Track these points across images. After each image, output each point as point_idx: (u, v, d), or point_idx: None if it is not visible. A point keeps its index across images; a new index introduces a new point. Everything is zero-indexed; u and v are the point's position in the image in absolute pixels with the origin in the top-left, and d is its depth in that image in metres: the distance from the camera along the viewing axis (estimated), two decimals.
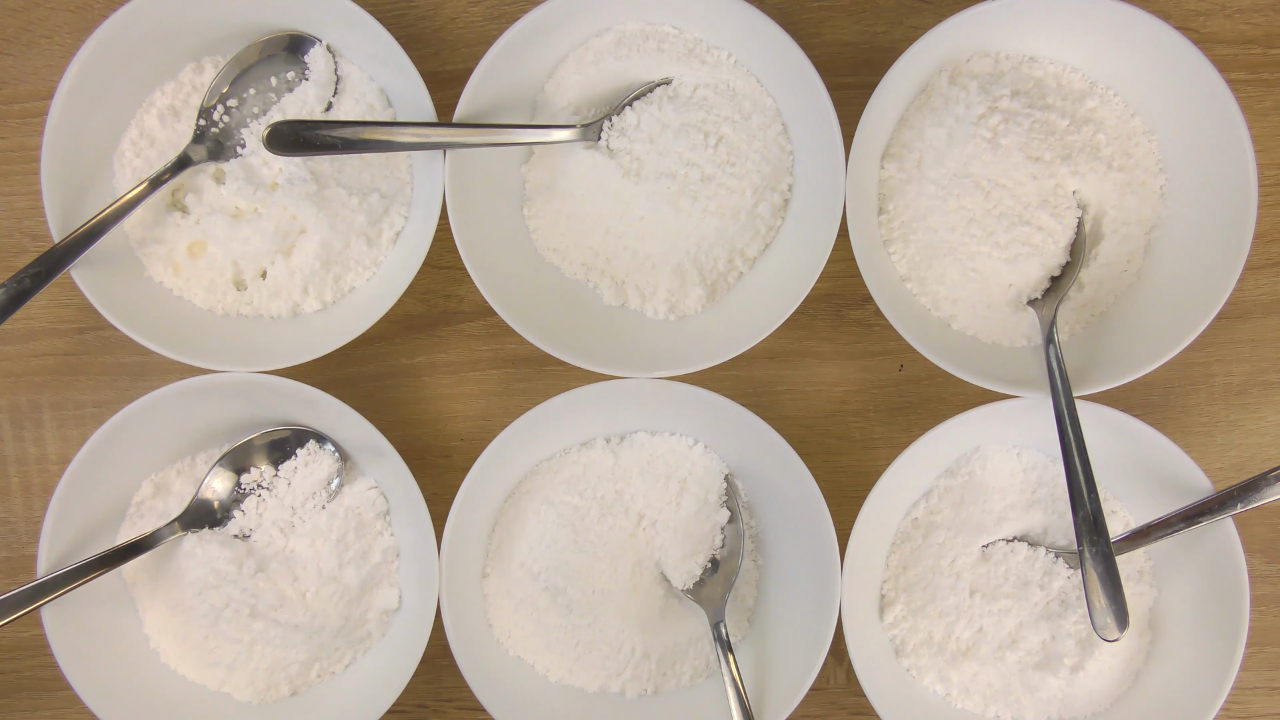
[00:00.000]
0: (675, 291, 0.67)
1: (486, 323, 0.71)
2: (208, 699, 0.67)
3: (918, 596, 0.67)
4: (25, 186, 0.70)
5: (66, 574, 0.62)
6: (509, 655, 0.68)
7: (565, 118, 0.68)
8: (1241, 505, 0.63)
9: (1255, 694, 0.71)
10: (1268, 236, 0.71)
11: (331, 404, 0.64)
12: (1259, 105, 0.70)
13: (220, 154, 0.67)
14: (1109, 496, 0.68)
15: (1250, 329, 0.71)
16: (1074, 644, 0.66)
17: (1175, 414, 0.71)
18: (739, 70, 0.67)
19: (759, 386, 0.71)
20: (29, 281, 0.63)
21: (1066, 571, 0.67)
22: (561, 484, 0.67)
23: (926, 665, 0.67)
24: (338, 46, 0.68)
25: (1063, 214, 0.65)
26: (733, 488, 0.68)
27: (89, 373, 0.71)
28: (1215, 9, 0.70)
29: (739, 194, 0.66)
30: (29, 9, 0.70)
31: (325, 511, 0.67)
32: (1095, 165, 0.65)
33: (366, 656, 0.68)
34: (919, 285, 0.67)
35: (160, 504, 0.68)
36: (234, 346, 0.66)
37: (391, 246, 0.68)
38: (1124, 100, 0.67)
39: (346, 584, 0.67)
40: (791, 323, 0.64)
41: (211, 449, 0.69)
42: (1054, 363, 0.63)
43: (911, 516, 0.68)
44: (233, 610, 0.65)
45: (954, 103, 0.66)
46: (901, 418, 0.71)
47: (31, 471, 0.71)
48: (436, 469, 0.71)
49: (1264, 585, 0.71)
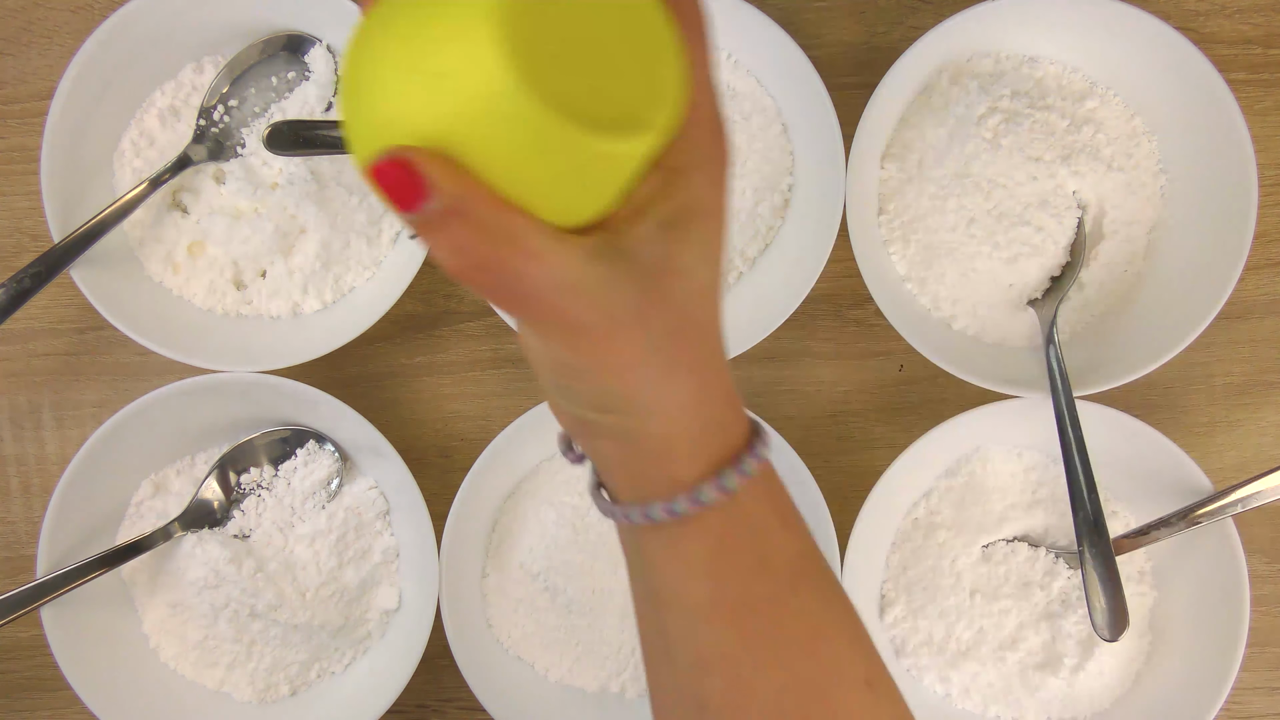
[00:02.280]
0: None
1: (486, 323, 0.71)
2: (207, 699, 0.67)
3: (918, 596, 0.67)
4: (25, 186, 0.70)
5: (66, 574, 0.62)
6: (509, 655, 0.68)
7: None
8: (1241, 505, 0.63)
9: (1255, 694, 0.71)
10: (1268, 236, 0.71)
11: (331, 404, 0.64)
12: (1259, 105, 0.70)
13: (220, 154, 0.67)
14: (1109, 496, 0.68)
15: (1250, 329, 0.71)
16: (1075, 644, 0.66)
17: (1175, 414, 0.71)
18: (739, 70, 0.67)
19: (759, 386, 0.71)
20: (29, 281, 0.63)
21: (1067, 572, 0.67)
22: (561, 484, 0.67)
23: (927, 665, 0.67)
24: (338, 46, 0.68)
25: (1063, 214, 0.65)
26: None
27: (89, 373, 0.71)
28: (1215, 9, 0.70)
29: (739, 194, 0.66)
30: (29, 9, 0.70)
31: (325, 511, 0.67)
32: (1095, 166, 0.65)
33: (366, 656, 0.68)
34: (919, 285, 0.67)
35: (160, 504, 0.68)
36: (234, 346, 0.66)
37: (391, 246, 0.68)
38: (1124, 100, 0.67)
39: (346, 584, 0.67)
40: (791, 323, 0.64)
41: (211, 449, 0.69)
42: (1054, 363, 0.63)
43: (912, 516, 0.68)
44: (232, 610, 0.65)
45: (954, 103, 0.66)
46: (901, 418, 0.71)
47: (31, 471, 0.71)
48: (436, 469, 0.71)
49: (1264, 585, 0.71)
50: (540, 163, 0.28)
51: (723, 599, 0.34)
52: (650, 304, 0.31)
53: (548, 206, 0.30)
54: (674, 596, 0.34)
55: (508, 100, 0.27)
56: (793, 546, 0.35)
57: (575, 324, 0.31)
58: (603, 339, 0.31)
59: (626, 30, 0.29)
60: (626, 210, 0.32)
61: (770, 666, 0.34)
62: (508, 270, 0.30)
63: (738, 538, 0.34)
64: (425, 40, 0.27)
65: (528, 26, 0.27)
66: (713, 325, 0.34)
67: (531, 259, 0.30)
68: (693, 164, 0.32)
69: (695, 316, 0.33)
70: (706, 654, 0.34)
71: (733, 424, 0.34)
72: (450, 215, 0.29)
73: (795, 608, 0.34)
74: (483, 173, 0.29)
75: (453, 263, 0.30)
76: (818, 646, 0.34)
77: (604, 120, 0.28)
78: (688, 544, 0.34)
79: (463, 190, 0.29)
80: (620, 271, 0.31)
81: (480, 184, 0.29)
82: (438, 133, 0.28)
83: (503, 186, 0.29)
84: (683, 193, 0.32)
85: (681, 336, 0.32)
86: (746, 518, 0.34)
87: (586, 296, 0.31)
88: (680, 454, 0.33)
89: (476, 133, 0.28)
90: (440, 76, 0.27)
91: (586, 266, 0.31)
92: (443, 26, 0.27)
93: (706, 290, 0.33)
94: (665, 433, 0.33)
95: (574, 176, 0.29)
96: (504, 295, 0.31)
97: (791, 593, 0.34)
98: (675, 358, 0.32)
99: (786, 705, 0.34)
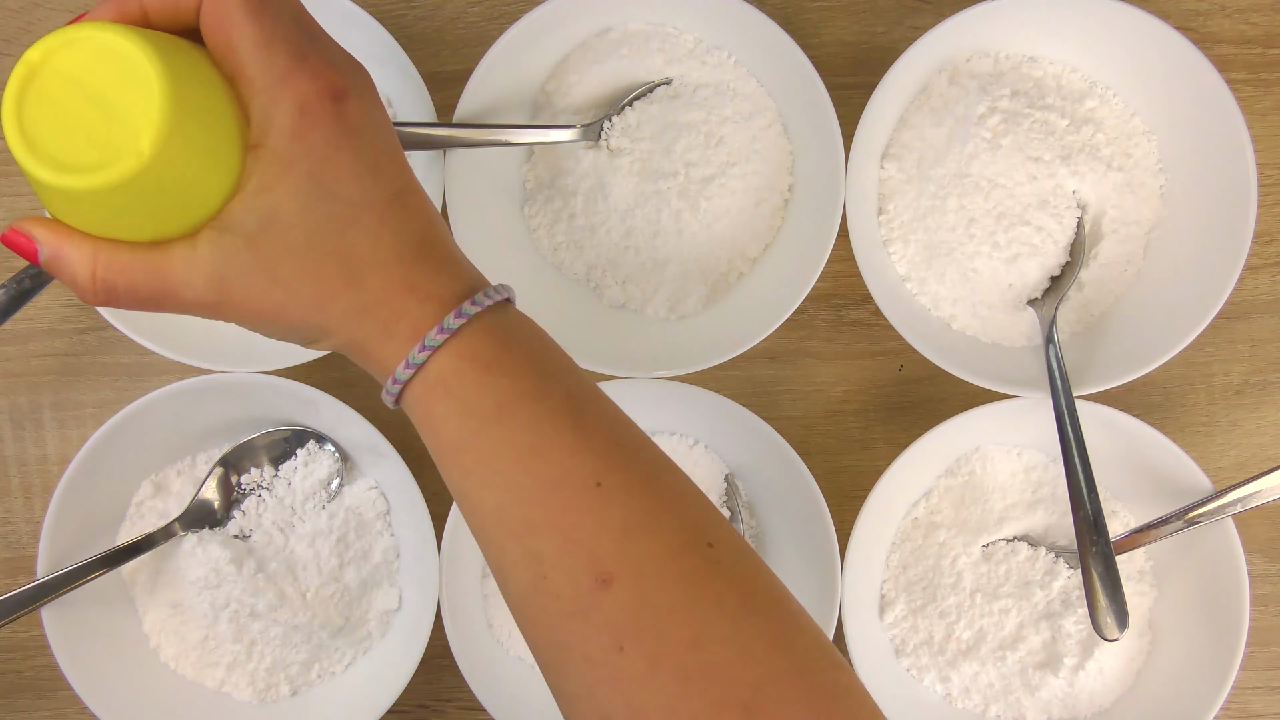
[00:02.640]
0: (675, 291, 0.67)
1: None
2: (207, 699, 0.67)
3: (918, 596, 0.67)
4: (25, 187, 0.70)
5: (66, 574, 0.63)
6: (509, 655, 0.68)
7: (565, 118, 0.68)
8: (1241, 505, 0.63)
9: (1255, 694, 0.71)
10: (1268, 236, 0.71)
11: (331, 404, 0.64)
12: (1259, 105, 0.70)
13: None
14: (1109, 496, 0.68)
15: (1250, 329, 0.71)
16: (1075, 644, 0.66)
17: (1175, 414, 0.71)
18: (739, 70, 0.67)
19: (759, 386, 0.71)
20: (29, 281, 0.62)
21: (1067, 571, 0.67)
22: None
23: (926, 665, 0.67)
24: None
25: (1062, 214, 0.65)
26: (733, 488, 0.68)
27: (89, 373, 0.71)
28: (1215, 9, 0.70)
29: (739, 194, 0.66)
30: (29, 9, 0.70)
31: (325, 511, 0.67)
32: (1095, 165, 0.65)
33: (366, 656, 0.68)
34: (919, 285, 0.67)
35: (160, 504, 0.68)
36: (234, 346, 0.66)
37: None
38: (1124, 100, 0.67)
39: (346, 584, 0.67)
40: (791, 323, 0.64)
41: (211, 449, 0.69)
42: (1054, 363, 0.63)
43: (911, 516, 0.68)
44: (232, 610, 0.65)
45: (954, 103, 0.66)
46: (901, 418, 0.71)
47: (31, 471, 0.71)
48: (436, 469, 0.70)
49: (1264, 585, 0.71)
50: (91, 204, 0.38)
51: (440, 447, 0.41)
52: (265, 260, 0.39)
53: (131, 231, 0.39)
54: (432, 455, 0.42)
55: (29, 170, 0.36)
56: (498, 389, 0.40)
57: (191, 300, 0.39)
58: (235, 305, 0.39)
59: (115, 80, 0.36)
60: (236, 193, 0.39)
61: (488, 487, 0.40)
62: (106, 283, 0.39)
63: (437, 395, 0.40)
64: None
65: (28, 108, 0.36)
66: (358, 244, 0.39)
67: (125, 268, 0.39)
68: (264, 133, 0.38)
69: (322, 248, 0.39)
70: (454, 492, 0.41)
71: (417, 306, 0.40)
72: (54, 260, 0.39)
73: (497, 436, 0.40)
74: (83, 226, 0.39)
75: (78, 293, 0.39)
76: (533, 463, 0.39)
77: (86, 165, 0.36)
78: (414, 411, 0.41)
79: (56, 238, 0.39)
80: (226, 245, 0.39)
81: (74, 231, 0.39)
82: (47, 204, 0.39)
83: (98, 230, 0.39)
84: (265, 158, 0.38)
85: (319, 271, 0.39)
86: (440, 379, 0.40)
87: (184, 278, 0.39)
88: (375, 347, 0.40)
89: (51, 200, 0.38)
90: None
91: (171, 257, 0.39)
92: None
93: (334, 218, 0.39)
94: (348, 340, 0.41)
95: (101, 202, 0.37)
96: (120, 301, 0.39)
97: (494, 424, 0.40)
98: (319, 291, 0.39)
99: (507, 516, 0.39)
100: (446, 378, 0.40)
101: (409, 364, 0.40)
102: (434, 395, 0.40)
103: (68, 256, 0.39)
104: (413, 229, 0.41)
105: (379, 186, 0.40)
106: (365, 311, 0.40)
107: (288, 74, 0.38)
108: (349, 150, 0.39)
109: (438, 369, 0.40)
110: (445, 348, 0.40)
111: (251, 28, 0.38)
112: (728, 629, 0.37)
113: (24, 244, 0.39)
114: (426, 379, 0.40)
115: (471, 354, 0.40)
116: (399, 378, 0.40)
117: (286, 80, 0.38)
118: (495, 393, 0.40)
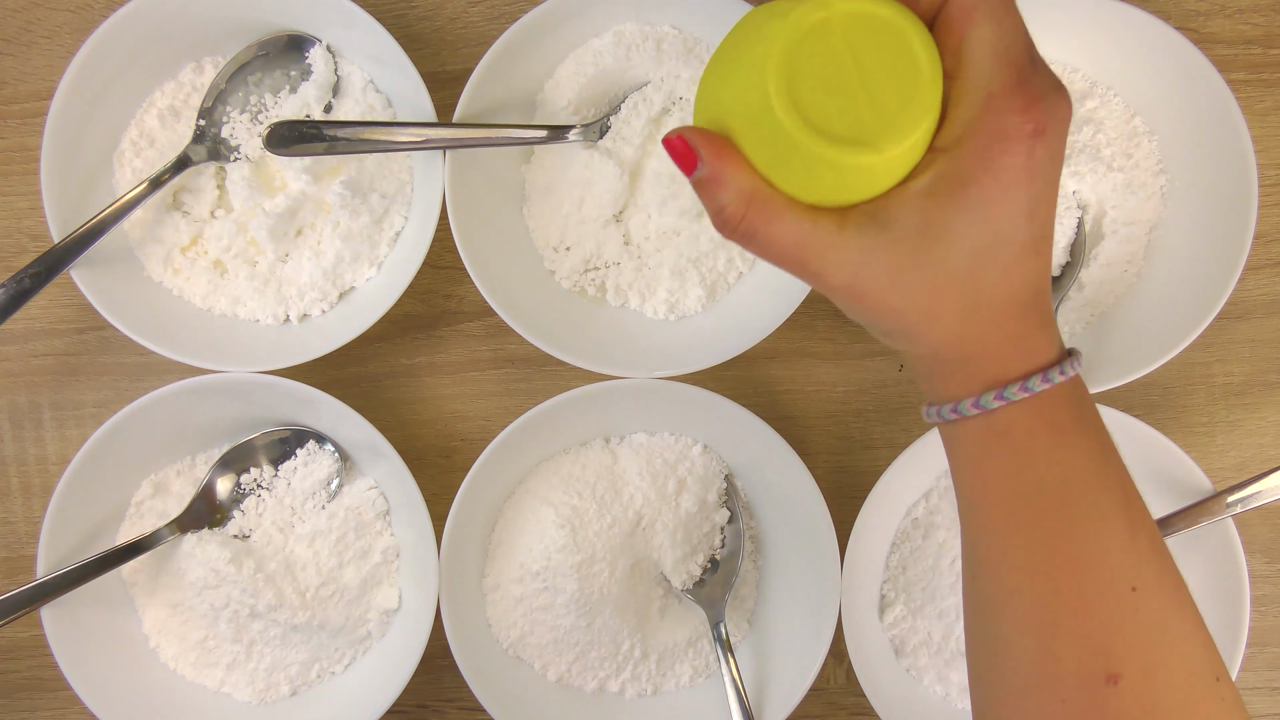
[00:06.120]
0: (675, 291, 0.67)
1: (486, 323, 0.71)
2: (207, 699, 0.67)
3: (917, 596, 0.67)
4: (25, 186, 0.70)
5: (66, 574, 0.63)
6: (509, 655, 0.68)
7: (565, 118, 0.68)
8: (1241, 505, 0.63)
9: (1255, 694, 0.71)
10: (1268, 236, 0.71)
11: (331, 404, 0.64)
12: (1259, 105, 0.70)
13: (220, 154, 0.67)
14: None
15: (1250, 329, 0.71)
16: None
17: (1175, 414, 0.71)
18: None
19: (759, 386, 0.71)
20: (29, 281, 0.63)
21: None
22: (560, 484, 0.67)
23: (926, 665, 0.67)
24: (338, 46, 0.68)
25: (1062, 214, 0.65)
26: (733, 488, 0.68)
27: (89, 373, 0.71)
28: (1215, 9, 0.70)
29: None
30: (29, 9, 0.70)
31: (325, 511, 0.67)
32: (1095, 165, 0.65)
33: (366, 656, 0.68)
34: None
35: (160, 504, 0.68)
36: (234, 346, 0.66)
37: (391, 246, 0.68)
38: (1124, 100, 0.67)
39: (346, 584, 0.67)
40: (791, 323, 0.64)
41: (211, 449, 0.69)
42: None
43: (911, 516, 0.68)
44: (232, 610, 0.65)
45: None
46: (901, 418, 0.72)
47: (31, 471, 0.71)
48: (436, 469, 0.71)
49: (1264, 585, 0.71)
50: (793, 159, 0.38)
51: (978, 497, 0.42)
52: (900, 264, 0.38)
53: (804, 190, 0.39)
54: (957, 486, 0.43)
55: (770, 111, 0.37)
56: (1064, 464, 0.41)
57: (817, 274, 0.39)
58: (851, 292, 0.39)
59: (884, 62, 0.37)
60: (897, 187, 0.39)
61: (1018, 564, 0.41)
62: (749, 225, 0.39)
63: (1001, 445, 0.41)
64: (736, 63, 0.39)
65: (801, 62, 0.37)
66: (989, 279, 0.39)
67: (772, 219, 0.39)
68: (956, 141, 0.38)
69: (958, 271, 0.38)
70: (969, 529, 0.43)
71: (1012, 355, 0.40)
72: (709, 181, 0.39)
73: (1052, 516, 0.40)
74: (753, 159, 0.39)
75: (714, 219, 0.39)
76: (1078, 566, 0.40)
77: (839, 136, 0.37)
78: (961, 445, 0.42)
79: (721, 164, 0.39)
80: (871, 236, 0.38)
81: (740, 162, 0.39)
82: (729, 125, 0.39)
83: (766, 171, 0.39)
84: (944, 166, 0.38)
85: (942, 292, 0.39)
86: (1007, 430, 0.41)
87: (820, 253, 0.39)
88: (951, 374, 0.41)
89: (752, 130, 0.39)
90: (738, 88, 0.39)
91: (818, 229, 0.39)
92: (749, 55, 0.38)
93: (983, 249, 0.38)
94: (931, 355, 0.41)
95: (820, 172, 0.38)
96: (751, 245, 0.40)
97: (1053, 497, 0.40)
98: (932, 308, 0.39)
99: (1028, 603, 0.40)
100: (1016, 432, 0.40)
101: (978, 404, 0.40)
102: (997, 443, 0.41)
103: (726, 185, 0.39)
104: (1035, 278, 0.40)
105: (1030, 228, 0.39)
106: (962, 341, 0.40)
107: (1002, 94, 0.37)
108: (1024, 189, 0.38)
109: (1007, 419, 0.40)
110: (1023, 401, 0.40)
111: (992, 32, 0.37)
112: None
113: (685, 154, 0.39)
114: (992, 425, 0.41)
115: (1049, 418, 0.41)
116: (964, 412, 0.41)
117: (998, 99, 0.37)
118: (1060, 468, 0.40)
